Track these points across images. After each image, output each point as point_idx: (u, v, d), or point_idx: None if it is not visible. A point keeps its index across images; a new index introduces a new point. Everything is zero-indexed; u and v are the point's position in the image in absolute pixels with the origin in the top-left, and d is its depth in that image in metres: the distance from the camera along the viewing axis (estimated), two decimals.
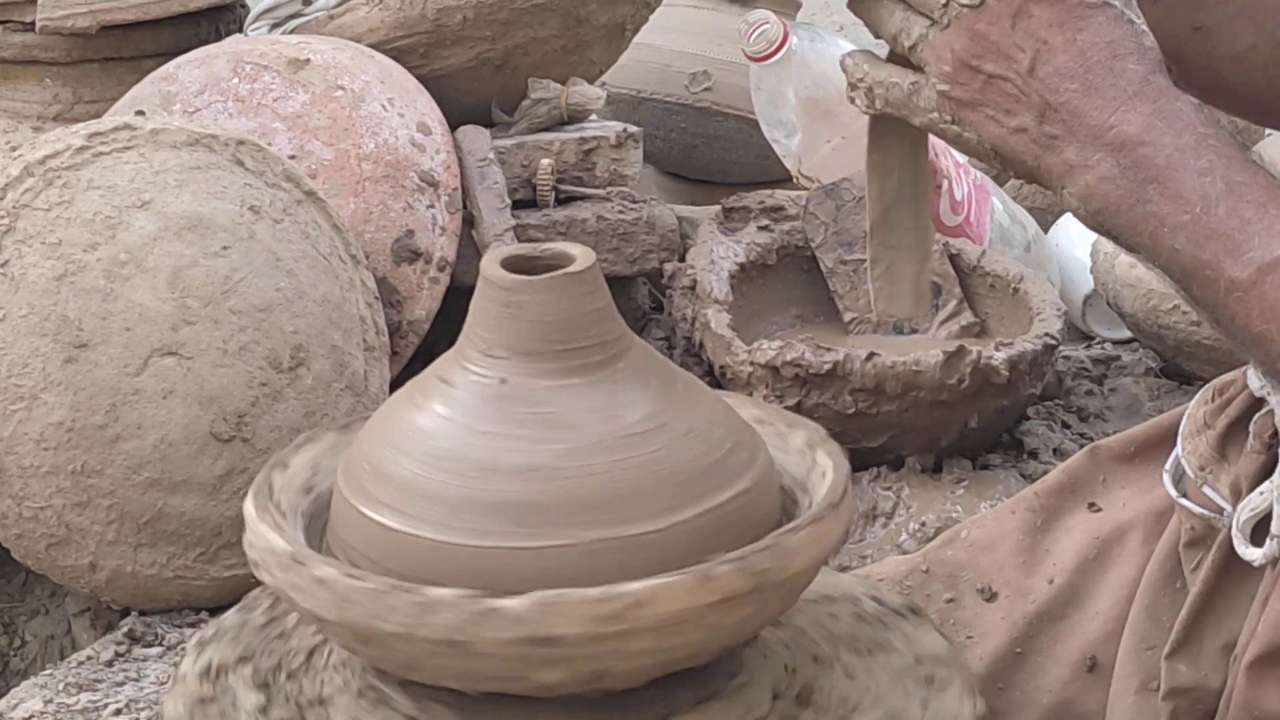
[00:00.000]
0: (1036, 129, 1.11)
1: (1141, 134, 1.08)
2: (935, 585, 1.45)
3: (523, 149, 2.77)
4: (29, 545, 2.17)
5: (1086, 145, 1.09)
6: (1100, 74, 1.09)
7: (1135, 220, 1.09)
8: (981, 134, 1.13)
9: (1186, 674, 1.29)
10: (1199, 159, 1.07)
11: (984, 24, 1.11)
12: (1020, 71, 1.10)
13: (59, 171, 2.19)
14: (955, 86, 1.13)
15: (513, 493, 0.99)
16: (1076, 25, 1.10)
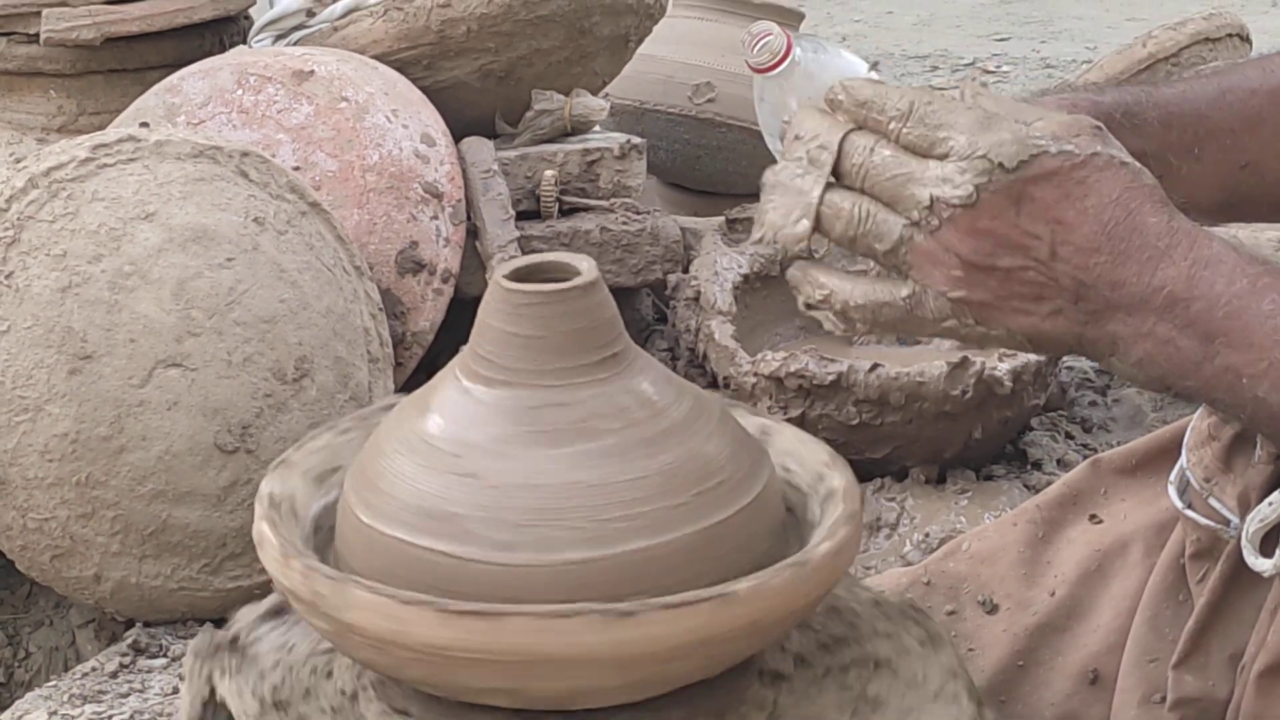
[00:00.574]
0: (1073, 309, 1.04)
1: (1190, 289, 1.02)
2: (937, 597, 1.45)
3: (526, 160, 2.77)
4: (33, 556, 2.17)
5: (1134, 314, 1.03)
6: (1125, 236, 1.03)
7: (1207, 378, 1.03)
8: (1012, 328, 1.06)
9: (1193, 684, 1.29)
10: (1260, 302, 1.01)
11: (986, 220, 1.03)
12: (1041, 258, 1.03)
13: (64, 183, 2.20)
14: (971, 290, 1.05)
15: (523, 506, 0.99)
16: (1081, 193, 1.03)
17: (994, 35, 7.87)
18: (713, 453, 1.03)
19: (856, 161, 1.07)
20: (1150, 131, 1.25)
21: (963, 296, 1.05)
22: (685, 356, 2.68)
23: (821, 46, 2.98)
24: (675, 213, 3.09)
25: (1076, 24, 8.05)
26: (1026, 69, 7.17)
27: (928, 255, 1.04)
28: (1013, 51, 7.51)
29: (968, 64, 7.28)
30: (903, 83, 6.84)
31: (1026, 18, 8.24)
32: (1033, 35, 7.86)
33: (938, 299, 1.06)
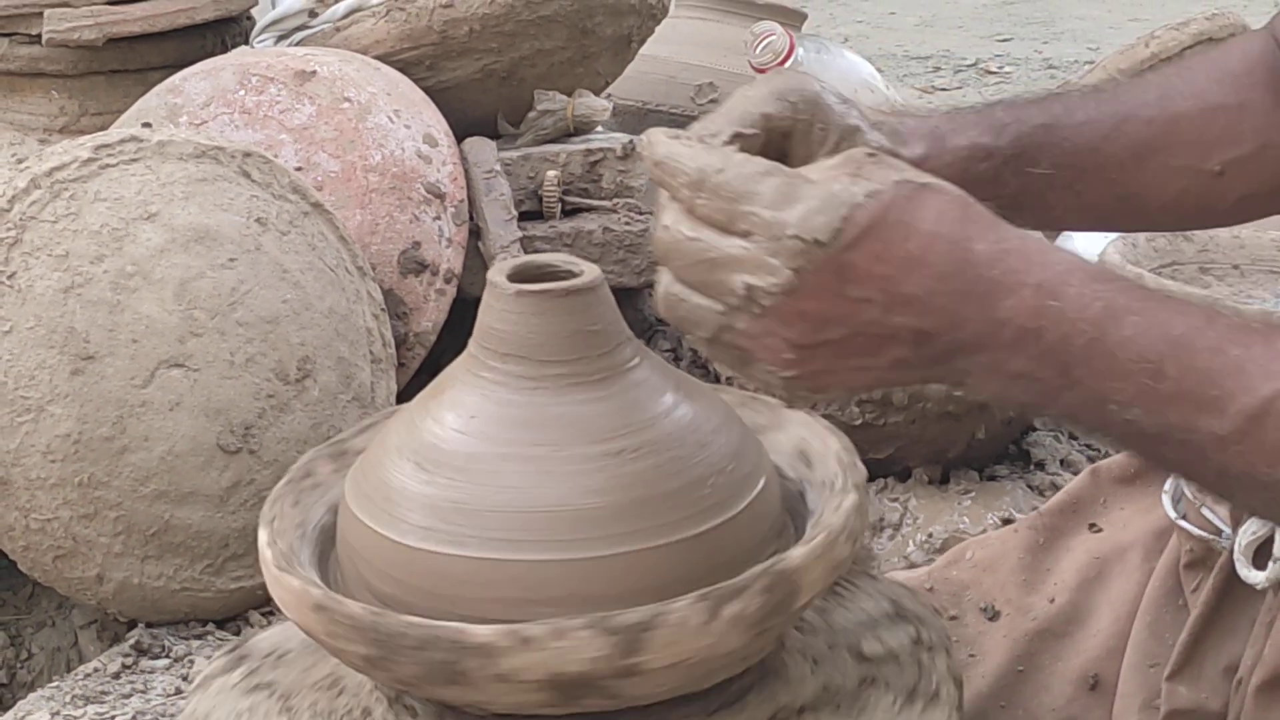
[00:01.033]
0: (916, 354, 0.98)
1: (1039, 319, 0.95)
2: (938, 603, 1.45)
3: (529, 161, 2.77)
4: (36, 557, 2.17)
5: (981, 351, 0.96)
6: (956, 273, 0.96)
7: (1069, 405, 0.96)
8: (850, 386, 1.00)
9: (1187, 696, 1.29)
10: (1119, 327, 0.95)
11: (810, 301, 0.96)
12: (875, 318, 0.97)
13: (66, 184, 2.20)
14: (800, 367, 0.98)
15: (524, 507, 0.99)
16: (901, 236, 0.96)
17: (996, 36, 7.86)
18: (713, 455, 1.03)
19: (662, 240, 1.00)
20: (1034, 177, 1.23)
21: (793, 375, 0.99)
22: (688, 357, 2.68)
23: (824, 47, 2.98)
24: None
25: (1079, 24, 8.05)
26: (1029, 70, 7.17)
27: (755, 340, 0.98)
28: (1015, 52, 7.50)
29: (970, 65, 7.28)
30: (905, 83, 6.85)
31: (1029, 18, 8.23)
32: (1035, 36, 7.85)
33: (766, 375, 1.00)
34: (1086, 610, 1.40)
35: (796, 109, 1.14)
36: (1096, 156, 1.26)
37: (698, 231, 0.97)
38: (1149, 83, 1.31)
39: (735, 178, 0.97)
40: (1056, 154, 1.25)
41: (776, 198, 0.96)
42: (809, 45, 2.90)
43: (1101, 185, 1.26)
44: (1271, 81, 1.32)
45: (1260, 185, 1.30)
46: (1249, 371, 0.93)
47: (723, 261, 0.96)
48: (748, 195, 0.97)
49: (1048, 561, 1.44)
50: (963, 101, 1.25)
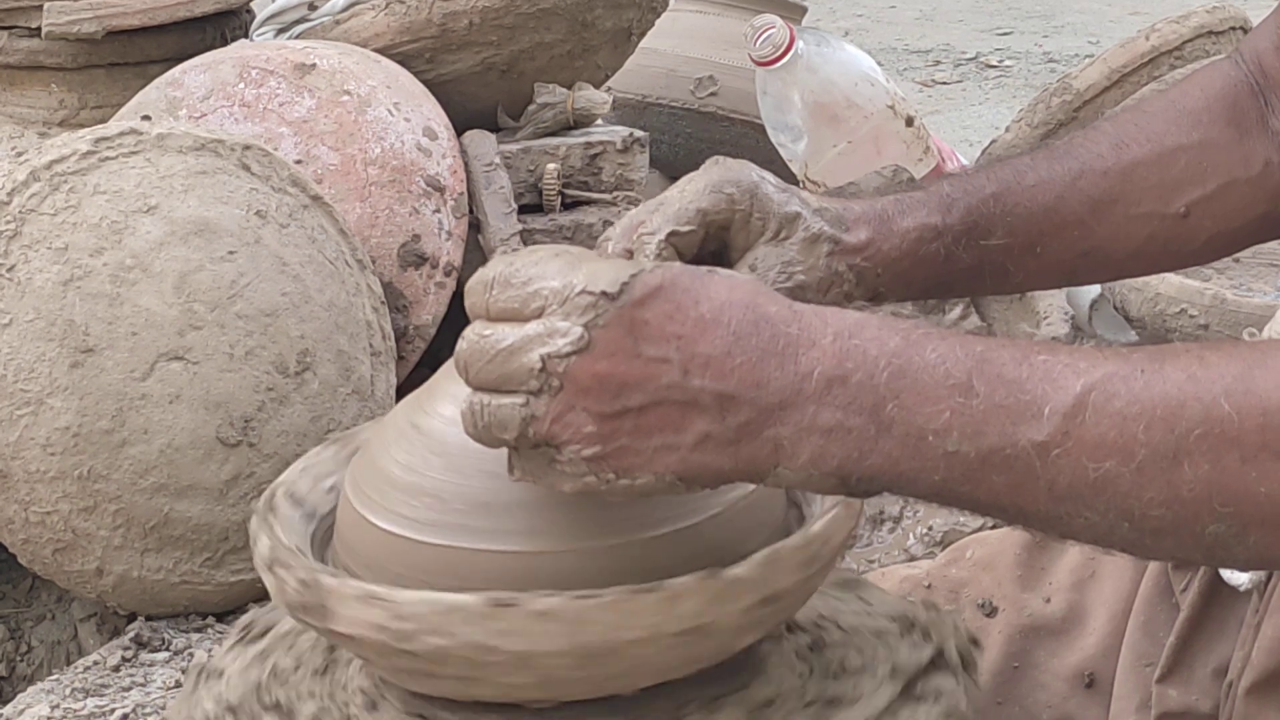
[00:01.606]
0: (721, 427, 0.93)
1: (840, 364, 0.93)
2: (936, 600, 1.45)
3: (529, 153, 2.77)
4: (36, 550, 2.17)
5: (789, 410, 0.93)
6: (752, 332, 0.94)
7: (888, 452, 0.93)
8: (659, 471, 0.94)
9: (1177, 698, 1.29)
10: (923, 353, 0.93)
11: (604, 363, 0.93)
12: (674, 381, 0.93)
13: (65, 176, 2.20)
14: (603, 443, 0.94)
15: (520, 500, 0.99)
16: (691, 300, 0.94)
17: (996, 29, 7.87)
18: None
19: (460, 354, 0.97)
20: (989, 250, 1.23)
21: (597, 452, 0.94)
22: None
23: (824, 40, 2.98)
24: None
25: (1079, 18, 8.05)
26: (1029, 63, 7.17)
27: (557, 418, 0.94)
28: (1015, 46, 7.51)
29: (970, 58, 7.28)
30: (905, 76, 6.84)
31: (1029, 12, 8.23)
32: (1035, 29, 7.85)
33: (571, 462, 0.95)
34: (1082, 608, 1.40)
35: (734, 200, 1.15)
36: (1054, 217, 1.25)
37: (492, 328, 0.95)
38: (1102, 132, 1.30)
39: (524, 265, 0.96)
40: (1011, 221, 1.24)
41: (565, 268, 0.95)
42: (809, 39, 2.90)
43: (1063, 244, 1.25)
44: (1232, 116, 1.31)
45: (1228, 223, 1.30)
46: (1058, 373, 0.91)
47: (518, 345, 0.94)
48: (537, 276, 0.95)
49: (1044, 560, 1.45)
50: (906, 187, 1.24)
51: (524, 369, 0.94)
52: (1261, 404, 0.88)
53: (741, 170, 1.17)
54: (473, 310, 0.97)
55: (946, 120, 6.15)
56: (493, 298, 0.96)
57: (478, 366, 0.95)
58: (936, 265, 1.21)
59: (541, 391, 0.94)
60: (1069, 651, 1.39)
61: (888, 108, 2.89)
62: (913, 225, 1.21)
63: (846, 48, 2.98)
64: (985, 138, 4.78)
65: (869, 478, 0.94)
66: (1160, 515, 0.90)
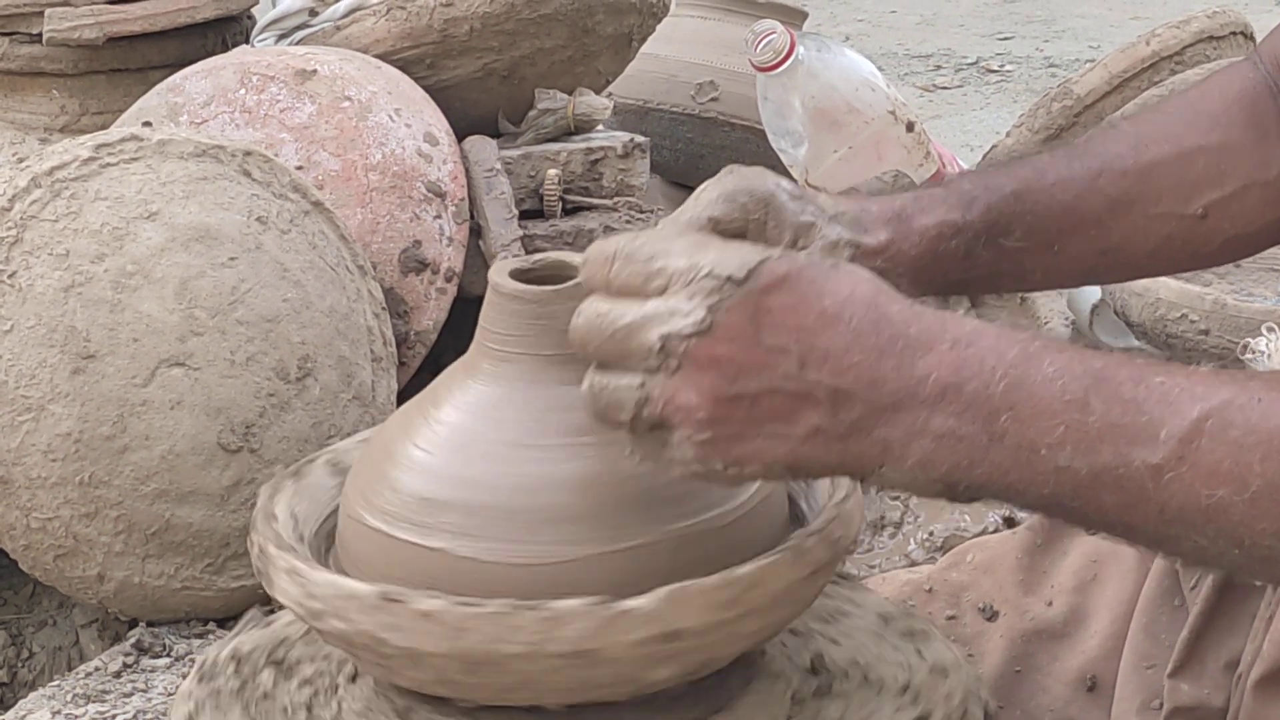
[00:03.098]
0: (833, 422, 0.94)
1: (957, 372, 0.94)
2: (937, 604, 1.45)
3: (529, 159, 2.77)
4: (37, 556, 2.17)
5: (901, 411, 0.94)
6: (873, 330, 0.95)
7: (998, 463, 0.93)
8: (765, 460, 0.96)
9: (1189, 693, 1.29)
10: (1040, 366, 0.93)
11: (724, 346, 0.94)
12: (790, 373, 0.94)
13: (66, 183, 2.20)
14: (719, 425, 0.94)
15: (522, 505, 0.99)
16: (815, 293, 0.95)
17: (997, 34, 7.87)
18: None
19: (578, 329, 0.98)
20: (1009, 249, 1.23)
21: (709, 437, 0.95)
22: None
23: (825, 45, 2.98)
24: None
25: (1080, 23, 8.05)
26: (1030, 68, 7.17)
27: (671, 404, 0.95)
28: (1016, 50, 7.51)
29: (971, 63, 7.28)
30: (906, 81, 6.84)
31: (1030, 17, 8.24)
32: (1036, 34, 7.86)
33: (682, 445, 0.95)
34: (1084, 612, 1.40)
35: (747, 209, 1.14)
36: (1073, 216, 1.25)
37: (610, 304, 0.96)
38: (1122, 132, 1.30)
39: (648, 241, 0.97)
40: (1030, 220, 1.24)
41: (690, 249, 0.96)
42: (810, 44, 2.90)
43: (1081, 243, 1.25)
44: (1252, 119, 1.31)
45: (1246, 225, 1.30)
46: (1175, 396, 0.91)
47: (637, 323, 0.94)
48: (662, 253, 0.96)
49: (1045, 563, 1.45)
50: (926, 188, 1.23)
51: (642, 347, 0.94)
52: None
53: (756, 178, 1.16)
54: (589, 282, 0.98)
55: (947, 125, 6.15)
56: (614, 272, 0.96)
57: (595, 345, 0.96)
58: (955, 262, 1.21)
59: (658, 371, 0.94)
60: (1071, 655, 1.39)
61: (889, 113, 2.89)
62: (932, 223, 1.21)
63: (847, 53, 2.97)
64: (986, 143, 4.78)
65: (976, 486, 0.94)
66: (1272, 545, 0.90)
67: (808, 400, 0.94)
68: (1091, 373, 0.93)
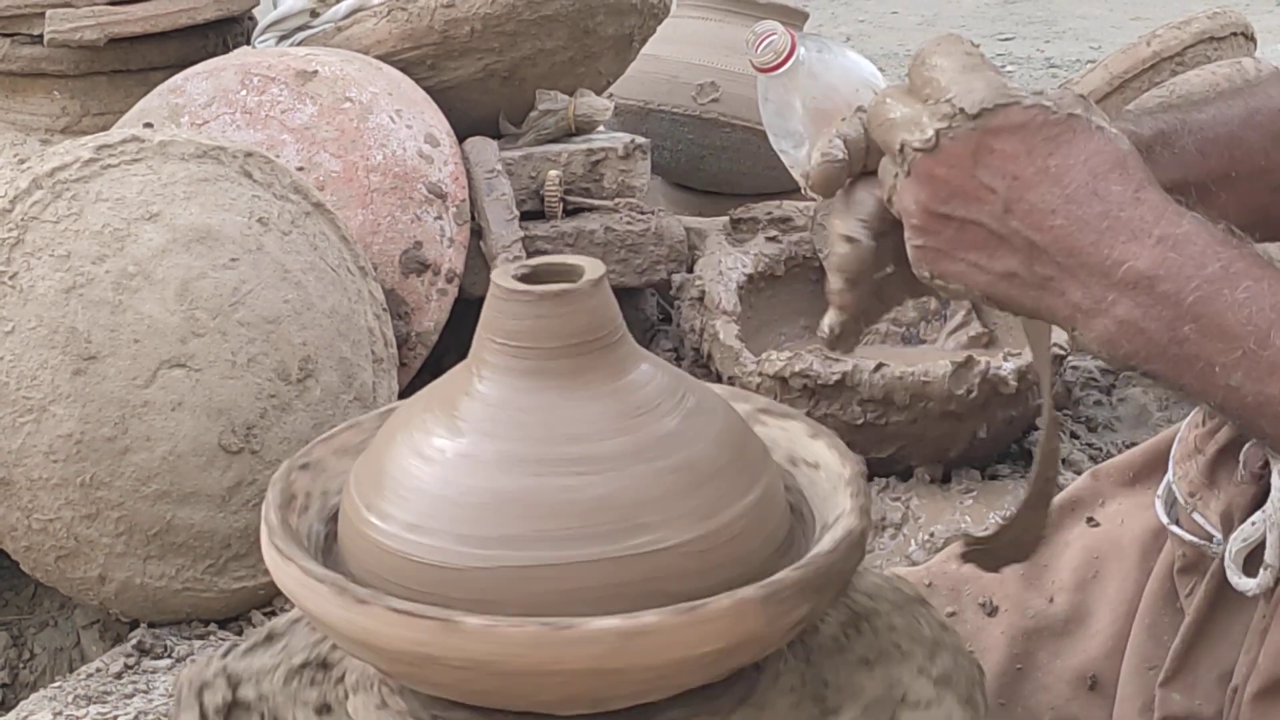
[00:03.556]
0: (1027, 270, 1.00)
1: (1156, 268, 0.97)
2: (938, 599, 1.45)
3: (530, 160, 2.77)
4: (38, 557, 2.17)
5: (1093, 285, 0.98)
6: (1085, 202, 0.98)
7: (1173, 362, 0.97)
8: (966, 284, 1.03)
9: (1181, 703, 1.28)
10: (1234, 289, 0.96)
11: (943, 168, 1.01)
12: (994, 213, 1.00)
13: (67, 184, 2.20)
14: (926, 236, 1.03)
15: (523, 508, 0.99)
16: (1046, 150, 1.00)
17: (998, 35, 7.87)
18: (711, 457, 1.03)
19: (870, 108, 1.07)
20: (1189, 160, 1.21)
21: (920, 244, 1.03)
22: (690, 356, 2.68)
23: (826, 46, 2.98)
24: (680, 213, 3.09)
25: (1081, 23, 8.05)
26: (1031, 69, 7.16)
27: (901, 199, 1.04)
28: (1017, 51, 7.51)
29: None
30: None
31: (1030, 17, 8.24)
32: (1037, 35, 7.86)
33: (908, 243, 1.05)
34: (1085, 610, 1.40)
35: None
36: (1239, 145, 1.24)
37: (896, 100, 1.05)
38: (1266, 84, 1.29)
39: (937, 51, 1.05)
40: (1199, 143, 1.23)
41: (958, 69, 1.03)
42: (810, 45, 2.90)
43: (1251, 174, 1.23)
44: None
45: None
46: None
47: (897, 120, 1.03)
48: (939, 67, 1.03)
49: (1045, 557, 1.44)
50: None
51: (891, 145, 1.04)
52: None
53: None
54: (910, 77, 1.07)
55: None
56: (911, 66, 1.06)
57: (874, 125, 1.06)
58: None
59: (899, 168, 1.03)
60: (1072, 653, 1.39)
61: None
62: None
63: (848, 54, 2.97)
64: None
65: (1151, 374, 0.99)
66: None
67: (1005, 244, 1.00)
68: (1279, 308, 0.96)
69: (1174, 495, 1.31)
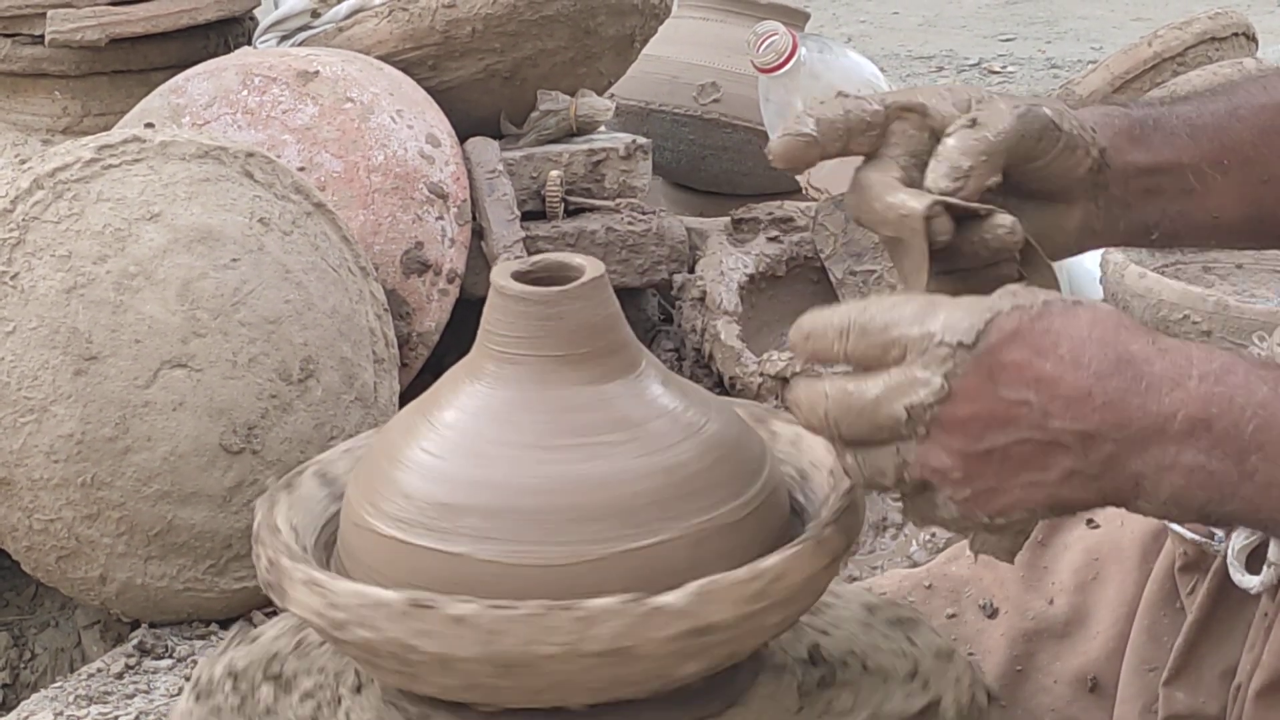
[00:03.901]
0: (1085, 463, 0.96)
1: (1206, 408, 0.95)
2: (937, 600, 1.45)
3: (531, 161, 2.77)
4: (39, 558, 2.17)
5: (1151, 447, 0.95)
6: (1113, 371, 0.95)
7: (1249, 498, 0.95)
8: (1029, 506, 0.97)
9: (1184, 701, 1.28)
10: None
11: (965, 408, 0.95)
12: (1035, 422, 0.95)
13: (68, 184, 2.20)
14: (975, 481, 0.97)
15: (523, 506, 0.99)
16: (1051, 343, 0.96)
17: (999, 35, 7.87)
18: (713, 454, 1.03)
19: (819, 415, 0.99)
20: (1181, 143, 1.20)
21: (968, 495, 0.97)
22: (691, 357, 2.68)
23: (827, 46, 2.98)
24: (681, 213, 3.09)
25: (1082, 24, 8.05)
26: (1032, 69, 7.17)
27: (926, 464, 0.97)
28: (1018, 52, 7.51)
29: (973, 64, 7.28)
30: (908, 83, 6.84)
31: (1032, 18, 8.23)
32: (1038, 35, 7.85)
33: (945, 505, 0.98)
34: (1085, 611, 1.40)
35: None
36: (1227, 135, 1.22)
37: (856, 381, 0.98)
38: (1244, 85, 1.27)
39: (878, 311, 0.98)
40: (1189, 128, 1.21)
41: (919, 314, 0.97)
42: (811, 45, 2.90)
43: (1241, 165, 1.22)
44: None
45: None
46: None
47: (883, 396, 0.96)
48: (893, 322, 0.97)
49: (1046, 559, 1.44)
50: None
51: (891, 418, 0.96)
52: None
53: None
54: (816, 355, 1.00)
55: None
56: (850, 345, 0.98)
57: (848, 421, 0.98)
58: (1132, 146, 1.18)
59: (910, 439, 0.96)
60: (1072, 654, 1.39)
61: None
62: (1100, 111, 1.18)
63: (849, 54, 2.97)
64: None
65: (1228, 516, 0.96)
66: None
67: (1056, 447, 0.96)
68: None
69: None
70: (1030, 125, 1.10)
